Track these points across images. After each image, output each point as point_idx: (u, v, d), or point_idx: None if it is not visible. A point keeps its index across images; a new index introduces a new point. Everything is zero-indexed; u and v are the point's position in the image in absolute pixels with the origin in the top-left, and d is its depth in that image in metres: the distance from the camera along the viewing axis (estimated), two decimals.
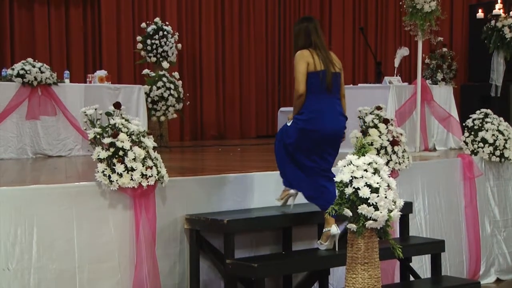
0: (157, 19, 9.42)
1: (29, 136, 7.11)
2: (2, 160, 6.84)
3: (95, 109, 4.51)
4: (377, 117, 5.64)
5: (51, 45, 9.84)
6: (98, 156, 4.27)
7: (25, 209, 4.03)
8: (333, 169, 4.71)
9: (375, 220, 3.81)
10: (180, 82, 9.00)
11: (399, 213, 3.94)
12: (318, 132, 4.62)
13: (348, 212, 3.85)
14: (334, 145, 4.74)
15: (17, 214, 4.00)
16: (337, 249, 4.64)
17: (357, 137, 5.41)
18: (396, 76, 8.07)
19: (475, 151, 6.80)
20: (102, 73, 7.99)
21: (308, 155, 4.68)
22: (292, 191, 4.88)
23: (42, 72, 7.14)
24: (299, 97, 4.62)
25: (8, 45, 9.47)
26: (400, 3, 7.37)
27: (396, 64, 8.11)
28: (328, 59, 4.71)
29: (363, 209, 3.80)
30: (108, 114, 4.52)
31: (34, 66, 7.13)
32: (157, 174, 4.38)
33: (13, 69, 7.14)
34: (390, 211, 3.86)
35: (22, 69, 7.08)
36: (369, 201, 3.80)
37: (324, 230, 4.67)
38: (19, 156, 7.03)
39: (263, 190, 5.07)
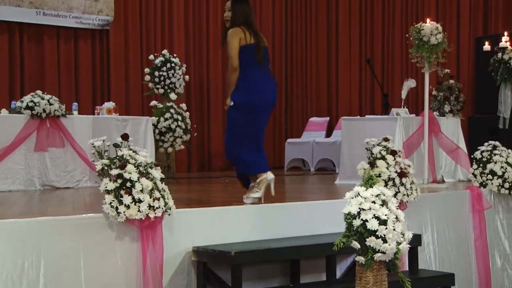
0: (165, 51, 9.50)
1: (37, 168, 7.13)
2: (10, 192, 6.85)
3: (103, 141, 4.52)
4: (385, 149, 5.63)
5: (60, 77, 9.94)
6: (106, 187, 4.27)
7: (32, 241, 4.02)
8: (341, 201, 4.69)
9: (383, 252, 3.78)
10: (188, 113, 9.04)
11: (408, 245, 3.91)
12: (256, 101, 5.07)
13: (356, 245, 3.82)
14: (268, 113, 5.25)
15: (24, 246, 3.99)
16: (272, 193, 5.09)
17: (364, 169, 5.39)
18: (403, 107, 8.08)
19: (484, 183, 6.76)
20: (110, 104, 8.04)
21: (258, 127, 5.15)
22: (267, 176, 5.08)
23: (51, 104, 7.18)
24: (234, 70, 5.06)
25: (18, 77, 9.57)
26: (407, 35, 7.41)
27: (403, 95, 8.13)
28: (258, 35, 5.20)
29: (371, 241, 3.77)
30: (116, 145, 4.52)
31: (43, 99, 7.18)
32: (165, 206, 4.37)
33: (22, 101, 7.20)
34: (398, 243, 3.83)
35: (31, 101, 7.13)
36: (377, 233, 3.77)
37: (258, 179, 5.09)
38: (27, 187, 7.04)
39: (271, 221, 5.04)
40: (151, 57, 9.52)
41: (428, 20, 7.27)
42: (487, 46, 9.42)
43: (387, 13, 11.67)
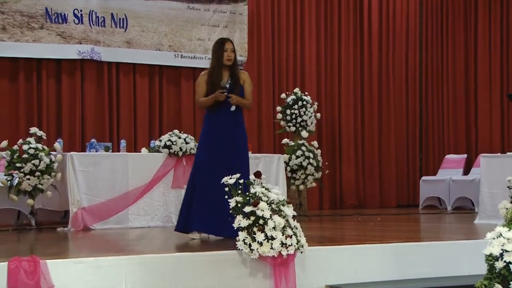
0: (296, 90, 9.60)
1: (174, 204, 7.37)
2: (149, 227, 7.13)
3: (236, 178, 4.60)
4: None
5: (195, 116, 10.28)
6: (239, 224, 4.33)
7: (169, 275, 4.14)
8: (481, 241, 4.46)
9: None
10: (319, 151, 9.04)
11: None
12: None
13: None
14: None
15: (162, 280, 4.11)
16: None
17: (506, 208, 5.13)
18: None
19: None
20: None
21: None
22: None
23: (187, 143, 7.45)
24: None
25: (157, 117, 10.02)
26: None
27: None
28: None
29: None
30: (249, 183, 4.59)
31: (179, 137, 7.46)
32: (297, 243, 4.35)
33: (160, 141, 7.52)
34: None
35: (169, 140, 7.44)
36: None
37: None
38: (165, 224, 7.30)
39: (406, 261, 4.88)
40: (283, 95, 9.64)
41: None
42: None
43: None
